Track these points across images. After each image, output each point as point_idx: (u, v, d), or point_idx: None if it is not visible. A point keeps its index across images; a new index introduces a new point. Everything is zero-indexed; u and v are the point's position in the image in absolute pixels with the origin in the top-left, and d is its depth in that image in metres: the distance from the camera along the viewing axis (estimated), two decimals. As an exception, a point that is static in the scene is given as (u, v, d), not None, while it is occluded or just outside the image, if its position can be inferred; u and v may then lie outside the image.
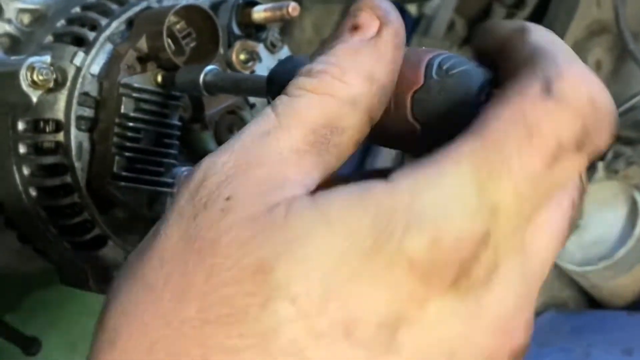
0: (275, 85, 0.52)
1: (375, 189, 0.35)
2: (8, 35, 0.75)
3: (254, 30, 0.76)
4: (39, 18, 0.76)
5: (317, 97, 0.38)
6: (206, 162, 0.38)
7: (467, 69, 0.40)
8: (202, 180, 0.37)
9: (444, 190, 0.34)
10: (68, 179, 0.71)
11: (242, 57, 0.76)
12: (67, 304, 1.40)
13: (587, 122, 0.34)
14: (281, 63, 0.54)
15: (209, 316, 0.34)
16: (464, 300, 0.34)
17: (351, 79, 0.38)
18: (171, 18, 0.70)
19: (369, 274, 0.33)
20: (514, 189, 0.34)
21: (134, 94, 0.69)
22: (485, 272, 0.34)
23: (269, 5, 0.74)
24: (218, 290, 0.35)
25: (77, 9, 0.75)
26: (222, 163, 0.37)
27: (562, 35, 1.25)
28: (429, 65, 0.41)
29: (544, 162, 0.34)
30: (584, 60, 1.31)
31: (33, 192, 0.73)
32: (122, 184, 0.69)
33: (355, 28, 0.39)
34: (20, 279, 1.01)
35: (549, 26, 1.32)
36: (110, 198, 0.71)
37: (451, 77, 0.40)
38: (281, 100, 0.39)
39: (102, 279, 0.78)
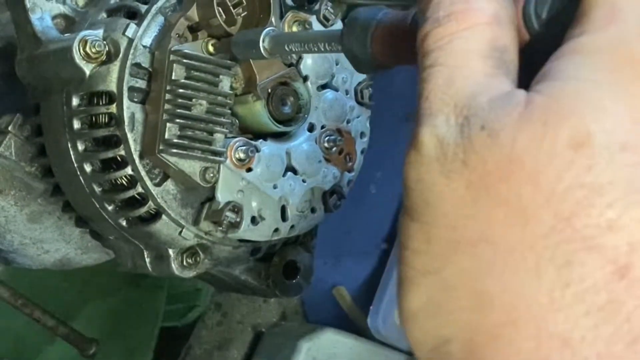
0: (355, 29, 0.50)
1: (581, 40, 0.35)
2: (63, 15, 0.76)
3: (306, 1, 0.76)
4: (92, -1, 0.77)
5: (466, 29, 0.37)
6: (427, 133, 0.36)
7: None
8: (437, 142, 0.35)
9: None
10: (121, 151, 0.70)
11: (295, 28, 0.75)
12: (126, 313, 1.40)
13: None
14: (357, 12, 0.52)
15: (568, 211, 0.32)
16: None
17: (480, 2, 0.38)
18: (222, -14, 0.70)
19: None
20: None
21: (185, 60, 0.68)
22: None
23: (320, -27, 0.73)
24: (555, 188, 0.32)
25: (130, -14, 0.75)
26: (445, 122, 0.35)
27: None
28: None
29: None
30: None
31: (88, 168, 0.72)
32: (174, 150, 0.68)
33: None
34: (79, 276, 1.01)
35: None
36: (163, 168, 0.70)
37: None
38: (433, 54, 0.37)
39: (159, 258, 0.77)
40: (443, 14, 0.37)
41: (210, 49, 0.70)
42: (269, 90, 0.73)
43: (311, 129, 0.77)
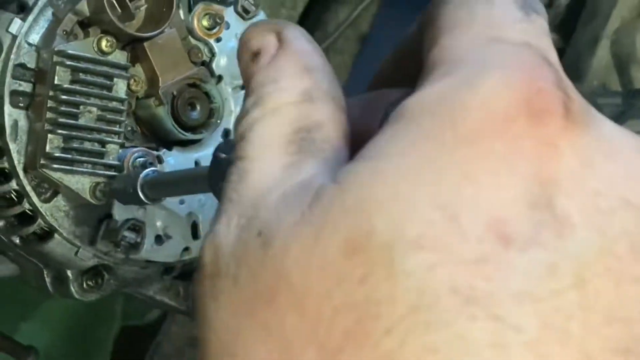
0: (223, 169, 0.41)
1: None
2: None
3: (219, -8, 0.67)
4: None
5: (270, 113, 0.32)
6: (208, 240, 0.29)
7: None
8: (213, 253, 0.29)
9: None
10: (4, 163, 0.62)
11: (205, 22, 0.66)
12: (82, 314, 1.33)
13: None
14: (224, 144, 0.43)
15: (335, 344, 0.24)
16: (590, 129, 0.26)
17: (289, 81, 0.32)
18: (114, -25, 0.61)
19: (471, 162, 0.25)
20: None
21: (69, 62, 0.60)
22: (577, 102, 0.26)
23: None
24: (322, 313, 0.25)
25: (24, -27, 0.66)
26: (226, 226, 0.29)
27: (608, 13, 1.11)
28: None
29: None
30: (632, 41, 1.17)
31: (-27, 182, 0.65)
32: (57, 165, 0.60)
33: (256, 54, 0.33)
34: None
35: (593, 2, 1.19)
36: (50, 183, 0.62)
37: None
38: (237, 145, 0.32)
39: (59, 279, 0.70)
40: (252, 100, 0.32)
41: (104, 47, 0.62)
42: (174, 93, 0.65)
43: (227, 135, 0.68)
